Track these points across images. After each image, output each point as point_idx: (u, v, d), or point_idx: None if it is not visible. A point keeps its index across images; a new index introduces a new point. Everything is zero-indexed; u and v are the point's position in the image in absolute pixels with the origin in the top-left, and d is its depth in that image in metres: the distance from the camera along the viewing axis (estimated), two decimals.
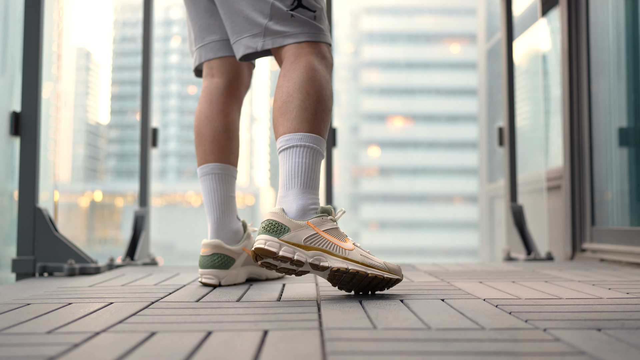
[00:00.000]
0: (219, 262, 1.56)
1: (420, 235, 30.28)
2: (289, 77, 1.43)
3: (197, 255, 1.65)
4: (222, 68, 1.70)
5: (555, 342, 0.87)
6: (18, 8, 2.21)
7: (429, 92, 32.28)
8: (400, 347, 0.84)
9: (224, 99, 1.69)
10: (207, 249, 1.57)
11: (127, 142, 23.80)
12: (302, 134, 1.37)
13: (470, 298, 1.30)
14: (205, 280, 1.56)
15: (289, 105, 1.39)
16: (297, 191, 1.36)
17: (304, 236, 1.31)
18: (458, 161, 31.41)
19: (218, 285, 1.56)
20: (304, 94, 1.40)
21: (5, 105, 2.15)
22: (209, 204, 1.63)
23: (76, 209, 4.27)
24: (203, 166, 1.65)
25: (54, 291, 1.50)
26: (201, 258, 1.58)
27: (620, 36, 2.58)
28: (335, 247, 1.32)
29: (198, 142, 1.67)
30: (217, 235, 1.61)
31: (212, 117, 1.66)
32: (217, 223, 1.61)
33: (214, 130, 1.66)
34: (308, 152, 1.37)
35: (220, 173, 1.65)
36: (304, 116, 1.38)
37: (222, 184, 1.64)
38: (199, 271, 1.58)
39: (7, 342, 0.90)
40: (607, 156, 2.63)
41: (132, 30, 19.22)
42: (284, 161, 1.38)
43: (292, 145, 1.37)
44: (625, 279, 1.72)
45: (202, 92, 1.72)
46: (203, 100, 1.69)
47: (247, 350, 0.83)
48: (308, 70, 1.43)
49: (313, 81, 1.41)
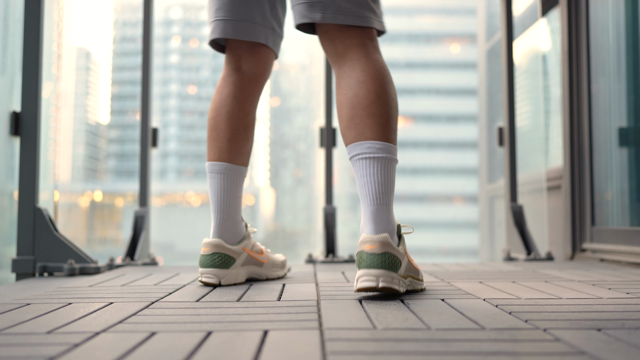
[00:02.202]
0: (219, 262, 1.54)
1: (420, 235, 30.28)
2: (369, 72, 1.34)
3: (197, 255, 1.65)
4: (253, 60, 1.58)
5: (555, 342, 0.87)
6: (18, 8, 2.21)
7: (429, 92, 32.28)
8: (400, 347, 0.84)
9: (249, 96, 1.59)
10: (207, 248, 1.55)
11: (127, 142, 23.81)
12: (393, 147, 1.33)
13: (470, 298, 1.30)
14: (206, 279, 1.55)
15: (378, 109, 1.32)
16: (389, 208, 1.31)
17: (405, 266, 1.31)
18: (458, 161, 31.41)
19: (218, 285, 1.55)
20: (390, 98, 1.34)
21: (5, 105, 2.15)
22: (216, 203, 1.58)
23: (76, 209, 4.27)
24: (215, 163, 1.58)
25: (54, 291, 1.50)
26: (201, 257, 1.56)
27: (620, 36, 2.58)
28: (415, 270, 1.38)
29: (214, 136, 1.57)
30: (220, 234, 1.58)
31: (233, 113, 1.56)
32: (221, 223, 1.58)
33: (234, 130, 1.57)
34: (394, 166, 1.34)
35: (232, 174, 1.59)
36: (392, 126, 1.33)
37: (232, 184, 1.59)
38: (199, 270, 1.57)
39: (7, 342, 0.90)
40: (607, 156, 2.63)
41: (132, 30, 19.24)
42: (379, 170, 1.30)
43: (386, 156, 1.31)
44: (625, 279, 1.72)
45: (224, 80, 1.59)
46: (226, 92, 1.57)
47: (247, 350, 0.83)
48: (385, 68, 1.37)
49: (391, 83, 1.36)
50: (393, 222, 1.31)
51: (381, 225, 1.28)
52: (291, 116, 32.28)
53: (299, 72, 29.72)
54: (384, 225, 1.28)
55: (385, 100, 1.33)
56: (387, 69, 1.38)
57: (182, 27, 30.91)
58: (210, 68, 31.05)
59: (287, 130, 32.28)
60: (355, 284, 1.26)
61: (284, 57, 25.40)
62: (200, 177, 29.81)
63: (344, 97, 1.35)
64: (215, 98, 1.59)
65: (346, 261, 2.49)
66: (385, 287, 1.22)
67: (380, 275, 1.22)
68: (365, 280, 1.23)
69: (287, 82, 31.12)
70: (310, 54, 30.07)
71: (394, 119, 1.34)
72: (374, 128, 1.31)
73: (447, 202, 31.93)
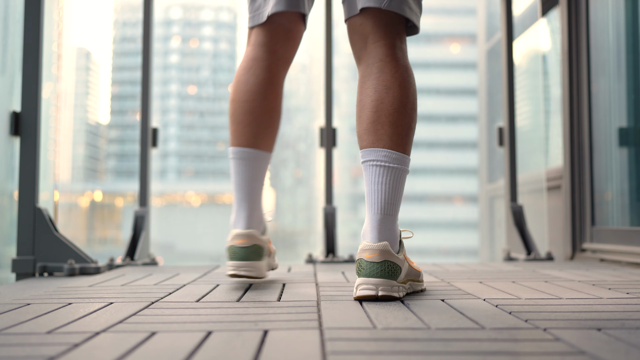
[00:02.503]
0: (255, 254, 1.47)
1: (420, 235, 30.28)
2: (397, 78, 1.32)
3: (196, 255, 1.65)
4: (290, 43, 1.53)
5: (555, 342, 0.87)
6: (18, 8, 2.21)
7: (429, 92, 32.28)
8: (400, 347, 0.84)
9: (281, 80, 1.52)
10: (244, 240, 1.45)
11: (127, 142, 23.80)
12: (407, 158, 1.33)
13: (470, 298, 1.30)
14: (244, 272, 1.46)
15: (400, 118, 1.31)
16: (394, 218, 1.31)
17: (405, 272, 1.31)
18: (458, 161, 31.40)
19: (255, 278, 1.49)
20: (413, 109, 1.33)
21: (5, 105, 2.15)
22: (247, 192, 1.49)
23: (76, 209, 4.27)
24: (247, 150, 1.49)
25: (54, 291, 1.50)
26: (236, 249, 1.45)
27: (620, 36, 2.58)
28: (415, 273, 1.39)
29: (248, 121, 1.48)
30: (250, 224, 1.49)
31: (271, 98, 1.49)
32: (251, 214, 1.49)
33: (271, 116, 1.49)
34: (405, 177, 1.33)
35: (264, 162, 1.51)
36: (411, 137, 1.33)
37: (261, 173, 1.51)
38: (232, 263, 1.47)
39: (7, 342, 0.90)
40: (607, 156, 2.63)
41: (132, 30, 19.24)
42: (391, 180, 1.30)
43: (400, 167, 1.31)
44: (625, 279, 1.72)
45: (256, 62, 1.51)
46: (262, 75, 1.49)
47: (247, 350, 0.83)
48: (413, 76, 1.35)
49: (416, 93, 1.35)
50: (396, 232, 1.31)
51: (383, 235, 1.28)
52: (291, 116, 32.36)
53: (299, 72, 29.81)
54: (386, 234, 1.28)
55: (409, 111, 1.32)
56: (414, 78, 1.37)
57: (182, 27, 30.91)
58: (210, 68, 31.09)
59: (287, 130, 32.36)
60: (354, 292, 1.27)
61: None
62: (201, 177, 29.85)
63: (368, 98, 1.33)
64: (248, 80, 1.50)
65: (346, 261, 2.49)
66: (385, 295, 1.23)
67: (379, 284, 1.24)
68: (365, 289, 1.24)
69: (287, 82, 31.24)
70: (310, 54, 30.15)
71: (412, 131, 1.34)
72: (393, 137, 1.30)
73: (447, 202, 31.91)
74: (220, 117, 31.69)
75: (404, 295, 1.30)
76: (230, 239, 1.48)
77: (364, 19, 1.38)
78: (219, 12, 31.12)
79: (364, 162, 1.34)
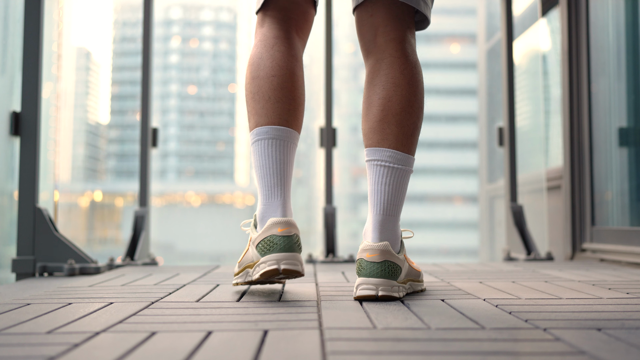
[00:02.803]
0: (298, 246, 1.27)
1: (420, 235, 30.28)
2: (406, 75, 1.30)
3: (196, 255, 1.64)
4: (305, 27, 1.41)
5: (555, 342, 0.87)
6: (18, 8, 2.21)
7: (429, 92, 32.28)
8: (400, 347, 0.84)
9: (302, 60, 1.39)
10: (286, 227, 1.25)
11: (127, 142, 23.80)
12: (412, 159, 1.32)
13: (470, 298, 1.30)
14: (292, 267, 1.24)
15: (407, 117, 1.28)
16: (396, 219, 1.30)
17: (405, 272, 1.31)
18: (458, 161, 31.40)
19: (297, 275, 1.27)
20: (420, 108, 1.31)
21: (5, 105, 2.15)
22: (279, 176, 1.31)
23: (76, 209, 4.27)
24: (282, 128, 1.31)
25: (54, 291, 1.50)
26: (280, 239, 1.24)
27: (620, 36, 2.58)
28: (415, 273, 1.39)
29: (279, 96, 1.31)
30: (289, 213, 1.32)
31: (297, 73, 1.34)
32: (288, 201, 1.32)
33: (302, 93, 1.35)
34: (409, 178, 1.32)
35: (295, 146, 1.35)
36: (416, 137, 1.31)
37: (293, 157, 1.35)
38: (275, 256, 1.24)
39: (7, 342, 0.90)
40: (607, 156, 2.63)
41: (132, 30, 19.24)
42: (395, 181, 1.29)
43: (404, 168, 1.30)
44: (625, 279, 1.72)
45: (277, 40, 1.36)
46: (285, 50, 1.35)
47: (247, 350, 0.83)
48: (421, 73, 1.33)
49: (423, 91, 1.33)
50: (397, 232, 1.31)
51: (384, 235, 1.28)
52: None
53: None
54: (387, 234, 1.28)
55: (416, 110, 1.30)
56: (422, 75, 1.34)
57: (182, 27, 30.91)
58: (210, 68, 31.06)
59: None
60: (354, 292, 1.26)
61: None
62: (200, 177, 29.81)
63: (376, 96, 1.31)
64: (274, 55, 1.34)
65: (346, 261, 2.49)
66: (385, 295, 1.23)
67: (379, 284, 1.23)
68: (365, 289, 1.24)
69: None
70: (310, 54, 30.12)
71: (418, 130, 1.32)
72: (399, 137, 1.28)
73: (447, 202, 31.91)
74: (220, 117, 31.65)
75: (404, 295, 1.30)
76: (267, 227, 1.26)
77: (374, 10, 1.34)
78: (219, 12, 31.12)
79: (368, 161, 1.33)
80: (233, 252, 20.84)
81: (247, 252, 1.33)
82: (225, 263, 2.41)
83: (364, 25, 1.37)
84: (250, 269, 1.31)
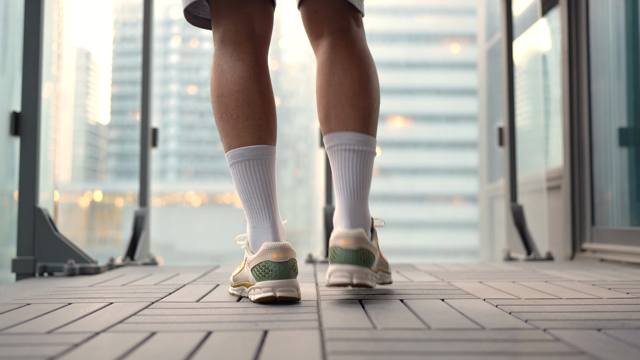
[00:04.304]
0: (294, 270, 1.23)
1: (420, 235, 30.26)
2: (354, 60, 1.30)
3: (196, 255, 1.64)
4: (266, 21, 1.34)
5: (555, 342, 0.87)
6: (18, 8, 2.21)
7: (429, 92, 32.27)
8: (400, 347, 0.84)
9: (267, 62, 1.34)
10: (282, 252, 1.20)
11: (127, 142, 23.78)
12: (373, 139, 1.31)
13: (470, 298, 1.30)
14: (280, 293, 1.20)
15: (361, 99, 1.28)
16: (365, 202, 1.29)
17: (377, 260, 1.30)
18: (458, 161, 31.39)
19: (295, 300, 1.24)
20: (374, 89, 1.30)
21: (5, 105, 2.15)
22: (269, 197, 1.27)
23: (76, 209, 4.27)
24: (256, 147, 1.26)
25: (54, 291, 1.50)
26: (274, 265, 1.20)
27: (620, 36, 2.58)
28: (384, 263, 1.40)
29: (247, 113, 1.26)
30: (281, 234, 1.27)
31: (262, 82, 1.29)
32: (277, 221, 1.27)
33: (270, 104, 1.29)
34: (373, 159, 1.32)
35: (274, 160, 1.31)
36: (374, 118, 1.30)
37: (274, 172, 1.30)
38: (269, 284, 1.20)
39: (7, 342, 0.90)
40: (607, 156, 2.63)
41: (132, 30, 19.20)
42: (358, 164, 1.28)
43: (366, 149, 1.29)
44: (625, 279, 1.72)
45: (238, 46, 1.29)
46: (248, 60, 1.29)
47: (247, 350, 0.83)
48: (371, 57, 1.32)
49: (376, 74, 1.32)
50: (368, 217, 1.30)
51: (357, 220, 1.26)
52: (291, 116, 32.36)
53: (299, 72, 29.79)
54: (359, 219, 1.27)
55: (369, 92, 1.30)
56: (372, 59, 1.35)
57: (182, 27, 30.91)
58: (210, 68, 31.07)
59: (287, 130, 32.34)
60: (327, 279, 1.23)
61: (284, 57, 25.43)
62: (200, 177, 29.83)
63: (327, 83, 1.31)
64: (234, 67, 1.28)
65: None
66: (360, 283, 1.20)
67: (354, 272, 1.20)
68: (339, 276, 1.21)
69: (287, 82, 31.21)
70: (310, 54, 30.07)
71: (376, 112, 1.31)
72: (356, 119, 1.28)
73: (447, 202, 31.90)
74: None
75: (376, 285, 1.29)
76: (261, 252, 1.21)
77: (318, 5, 1.36)
78: None
79: (329, 148, 1.32)
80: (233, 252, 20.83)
81: (243, 270, 1.31)
82: (225, 263, 2.41)
83: (311, 21, 1.38)
84: (246, 287, 1.30)
